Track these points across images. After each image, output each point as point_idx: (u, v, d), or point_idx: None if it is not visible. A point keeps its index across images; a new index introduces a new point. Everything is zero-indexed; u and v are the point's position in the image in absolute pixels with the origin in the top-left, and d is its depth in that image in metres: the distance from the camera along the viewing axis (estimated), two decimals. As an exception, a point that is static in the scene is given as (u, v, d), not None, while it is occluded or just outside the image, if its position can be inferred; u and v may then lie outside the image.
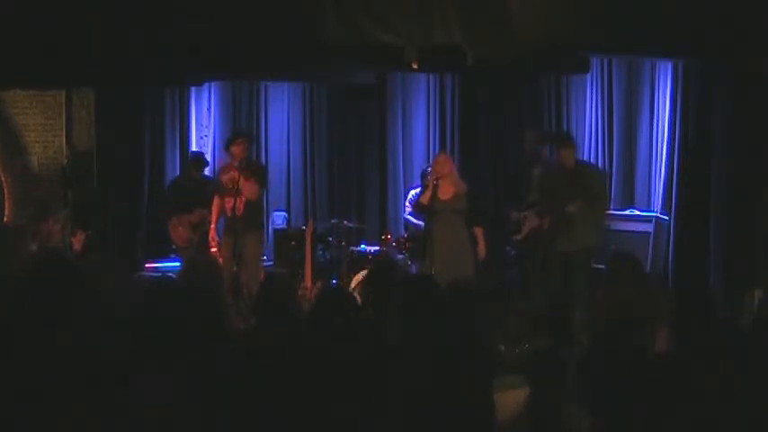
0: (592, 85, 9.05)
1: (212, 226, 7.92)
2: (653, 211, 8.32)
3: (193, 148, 9.85)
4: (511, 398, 4.19)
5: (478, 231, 7.50)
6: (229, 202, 7.64)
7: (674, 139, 8.06)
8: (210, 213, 7.98)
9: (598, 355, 3.84)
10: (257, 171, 7.92)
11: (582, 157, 9.17)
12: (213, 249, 7.84)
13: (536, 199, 7.78)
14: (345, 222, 9.11)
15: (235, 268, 7.68)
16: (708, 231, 7.42)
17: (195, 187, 8.52)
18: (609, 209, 7.94)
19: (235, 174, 7.63)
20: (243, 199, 7.66)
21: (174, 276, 5.81)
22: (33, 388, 3.18)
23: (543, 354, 4.21)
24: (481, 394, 3.84)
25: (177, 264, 8.36)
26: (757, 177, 7.03)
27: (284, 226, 9.74)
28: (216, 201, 7.91)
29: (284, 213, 10.01)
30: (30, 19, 6.64)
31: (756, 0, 6.50)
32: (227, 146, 7.87)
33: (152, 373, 3.28)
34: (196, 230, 8.39)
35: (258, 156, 9.90)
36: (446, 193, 7.41)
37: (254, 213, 7.87)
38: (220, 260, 7.84)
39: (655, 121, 8.50)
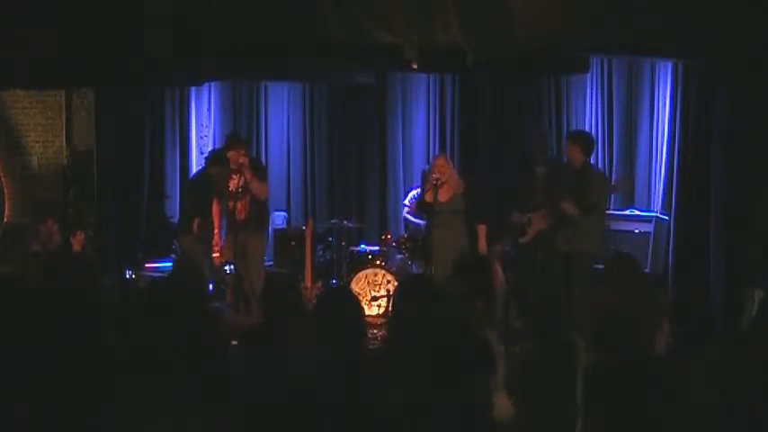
0: (592, 85, 9.05)
1: (216, 231, 7.89)
2: (653, 211, 8.32)
3: (193, 148, 9.86)
4: (509, 398, 4.20)
5: (481, 229, 7.47)
6: (231, 205, 7.62)
7: (674, 139, 8.05)
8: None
9: (597, 356, 3.84)
10: (264, 171, 7.99)
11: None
12: (216, 255, 7.82)
13: (542, 200, 7.72)
14: (345, 222, 9.11)
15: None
16: (708, 231, 7.42)
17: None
18: (607, 216, 7.85)
19: (237, 178, 7.62)
20: (248, 200, 7.66)
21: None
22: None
23: (532, 353, 4.22)
24: (479, 394, 3.84)
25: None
26: (757, 178, 7.02)
27: (284, 226, 9.74)
28: (215, 206, 7.89)
29: (284, 213, 10.02)
30: (30, 19, 6.64)
31: (756, 0, 6.50)
32: (226, 149, 7.86)
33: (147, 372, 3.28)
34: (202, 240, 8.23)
35: (258, 156, 9.91)
36: (445, 195, 7.42)
37: (262, 213, 7.87)
38: (222, 260, 7.87)
39: (655, 121, 8.49)
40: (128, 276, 8.27)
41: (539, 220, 7.59)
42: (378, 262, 8.52)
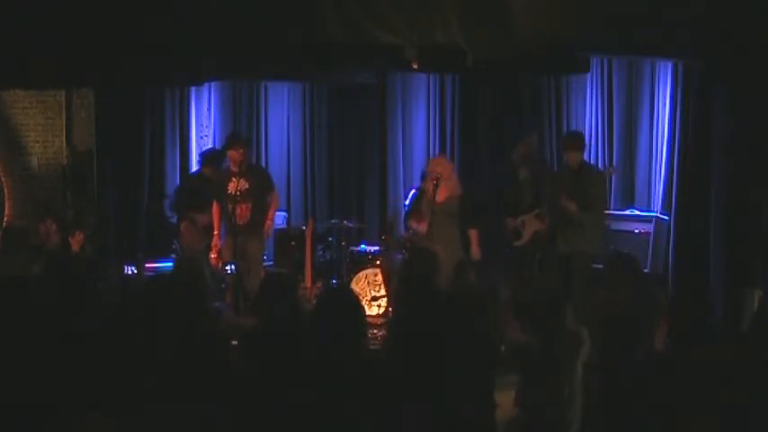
0: (592, 85, 9.05)
1: (216, 233, 7.87)
2: (653, 211, 8.32)
3: (193, 148, 9.86)
4: (511, 396, 4.20)
5: (473, 233, 7.44)
6: (231, 208, 7.59)
7: (674, 139, 8.05)
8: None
9: (597, 356, 3.85)
10: (271, 180, 8.01)
11: (582, 156, 9.18)
12: (213, 255, 7.80)
13: (532, 202, 7.73)
14: (345, 222, 9.11)
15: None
16: (708, 231, 7.41)
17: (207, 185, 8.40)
18: (607, 215, 7.83)
19: (236, 182, 7.59)
20: (250, 205, 7.65)
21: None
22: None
23: (530, 351, 4.22)
24: (482, 393, 3.85)
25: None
26: (757, 177, 7.02)
27: (284, 226, 9.73)
28: (215, 207, 7.86)
29: (284, 213, 10.01)
30: (30, 19, 6.63)
31: (755, 0, 6.50)
32: (225, 148, 7.85)
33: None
34: (209, 233, 8.22)
35: (258, 156, 9.93)
36: (440, 195, 7.40)
37: (263, 217, 7.84)
38: (221, 262, 7.86)
39: (655, 121, 8.50)
40: (127, 276, 8.27)
41: (532, 222, 7.62)
42: (378, 262, 8.52)
